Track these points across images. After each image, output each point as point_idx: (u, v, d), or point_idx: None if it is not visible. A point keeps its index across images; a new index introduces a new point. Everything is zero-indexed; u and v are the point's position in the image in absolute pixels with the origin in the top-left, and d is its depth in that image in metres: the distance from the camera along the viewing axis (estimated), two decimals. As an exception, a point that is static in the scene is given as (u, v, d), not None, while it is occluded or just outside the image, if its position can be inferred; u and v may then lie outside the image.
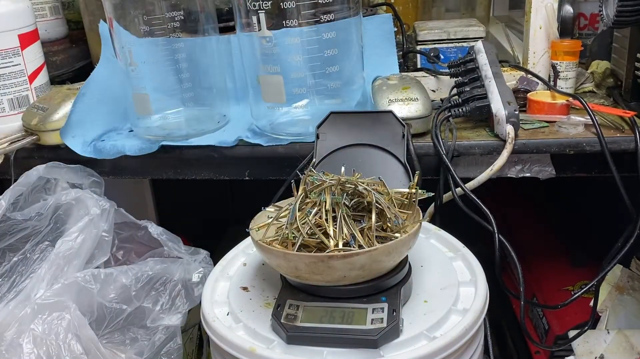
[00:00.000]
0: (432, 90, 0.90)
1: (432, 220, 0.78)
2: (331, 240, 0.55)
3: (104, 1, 0.79)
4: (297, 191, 0.60)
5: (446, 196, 0.76)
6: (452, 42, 0.97)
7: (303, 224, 0.56)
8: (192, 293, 0.75)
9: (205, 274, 0.76)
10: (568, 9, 0.88)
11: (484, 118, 0.79)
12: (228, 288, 0.63)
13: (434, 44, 0.98)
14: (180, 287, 0.75)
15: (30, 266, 0.74)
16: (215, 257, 0.68)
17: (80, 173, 0.80)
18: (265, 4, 0.72)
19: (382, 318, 0.52)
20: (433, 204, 0.78)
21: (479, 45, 0.82)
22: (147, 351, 0.71)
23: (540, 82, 0.85)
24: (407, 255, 0.59)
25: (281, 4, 0.72)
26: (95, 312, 0.69)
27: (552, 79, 0.86)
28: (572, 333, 0.84)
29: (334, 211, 0.56)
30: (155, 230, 0.78)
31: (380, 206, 0.57)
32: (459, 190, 0.74)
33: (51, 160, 0.85)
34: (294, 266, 0.54)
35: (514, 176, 0.77)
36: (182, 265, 0.76)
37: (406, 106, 0.76)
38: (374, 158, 0.73)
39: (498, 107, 0.74)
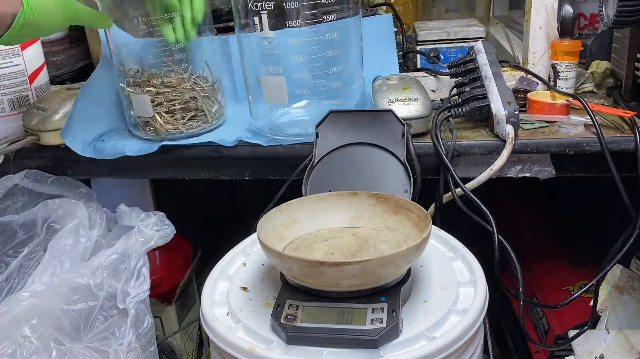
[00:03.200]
0: (432, 90, 0.90)
1: (432, 220, 0.78)
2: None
3: (98, 3, 0.79)
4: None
5: (446, 197, 0.76)
6: (452, 42, 0.97)
7: None
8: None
9: (165, 234, 0.78)
10: (568, 9, 0.88)
11: (483, 118, 0.79)
12: (228, 288, 0.63)
13: (434, 44, 0.98)
14: (141, 259, 0.75)
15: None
16: (215, 257, 0.68)
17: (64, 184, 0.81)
18: (268, 4, 0.72)
19: (381, 318, 0.52)
20: (433, 204, 0.78)
21: (478, 45, 0.82)
22: (127, 337, 0.71)
23: (540, 82, 0.85)
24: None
25: (283, 4, 0.72)
26: (64, 320, 0.68)
27: (552, 79, 0.86)
28: (572, 333, 0.84)
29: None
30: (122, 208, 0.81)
31: None
32: (458, 190, 0.74)
33: (51, 161, 0.85)
34: (288, 267, 0.55)
35: (513, 176, 0.77)
36: (137, 235, 0.76)
37: (406, 106, 0.76)
38: (374, 158, 0.73)
39: (498, 107, 0.74)
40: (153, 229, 0.78)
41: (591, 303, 0.78)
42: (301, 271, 0.53)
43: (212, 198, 1.48)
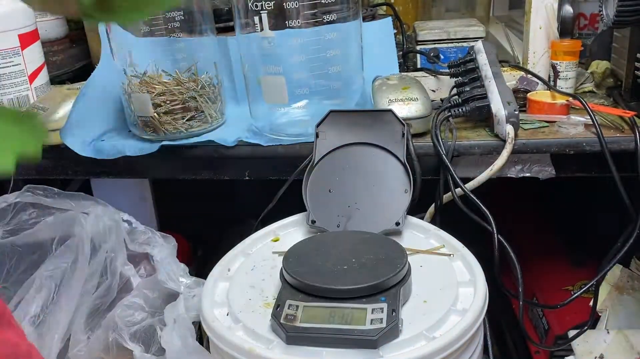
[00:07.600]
0: (432, 90, 0.90)
1: (432, 220, 0.78)
2: None
3: None
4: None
5: (446, 197, 0.76)
6: (452, 42, 0.97)
7: None
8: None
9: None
10: (568, 8, 0.88)
11: (483, 118, 0.79)
12: (227, 288, 0.63)
13: (434, 43, 0.98)
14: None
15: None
16: (215, 257, 0.68)
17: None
18: (268, 4, 0.72)
19: (381, 318, 0.52)
20: (433, 204, 0.78)
21: (478, 45, 0.82)
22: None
23: (540, 82, 0.85)
24: (407, 256, 0.59)
25: (283, 4, 0.72)
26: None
27: (552, 79, 0.86)
28: (571, 333, 0.84)
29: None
30: (158, 254, 0.74)
31: None
32: (458, 190, 0.74)
33: (51, 161, 0.85)
34: None
35: (514, 176, 0.77)
36: (179, 304, 0.68)
37: (406, 106, 0.76)
38: (374, 158, 0.73)
39: (498, 107, 0.74)
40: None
41: (591, 303, 0.78)
42: None
43: (212, 198, 1.48)
